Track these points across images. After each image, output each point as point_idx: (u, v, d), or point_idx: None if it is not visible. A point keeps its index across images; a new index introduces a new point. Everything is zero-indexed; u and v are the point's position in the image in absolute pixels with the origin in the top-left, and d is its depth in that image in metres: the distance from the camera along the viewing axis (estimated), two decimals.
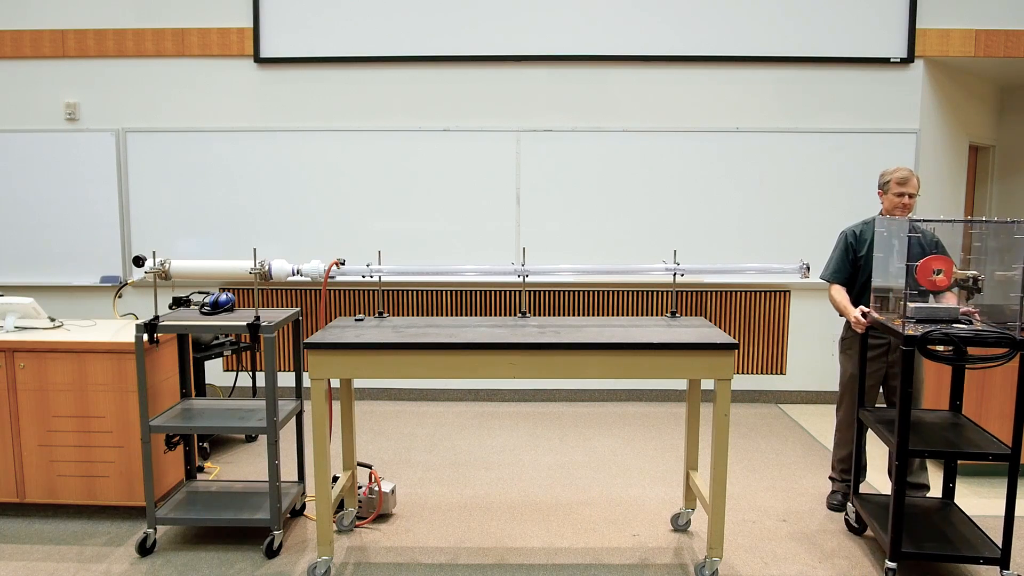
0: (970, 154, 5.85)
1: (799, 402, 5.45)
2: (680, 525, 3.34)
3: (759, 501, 3.67)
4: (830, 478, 3.68)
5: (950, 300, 3.10)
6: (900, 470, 2.76)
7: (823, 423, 4.94)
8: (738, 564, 3.01)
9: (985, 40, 5.12)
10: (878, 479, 3.89)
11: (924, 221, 3.13)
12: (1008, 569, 2.76)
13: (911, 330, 2.75)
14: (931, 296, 3.04)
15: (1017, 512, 3.54)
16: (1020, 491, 3.71)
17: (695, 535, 3.27)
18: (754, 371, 5.46)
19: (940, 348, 2.77)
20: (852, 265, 3.49)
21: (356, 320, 3.23)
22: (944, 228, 3.36)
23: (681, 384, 5.30)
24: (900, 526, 2.77)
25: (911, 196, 3.37)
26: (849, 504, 3.33)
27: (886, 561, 2.79)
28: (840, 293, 3.46)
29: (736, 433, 4.72)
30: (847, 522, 3.35)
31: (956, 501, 3.27)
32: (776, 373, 5.44)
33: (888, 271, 3.12)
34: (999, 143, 6.20)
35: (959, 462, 3.62)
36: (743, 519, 3.45)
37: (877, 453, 4.29)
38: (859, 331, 3.23)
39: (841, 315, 3.45)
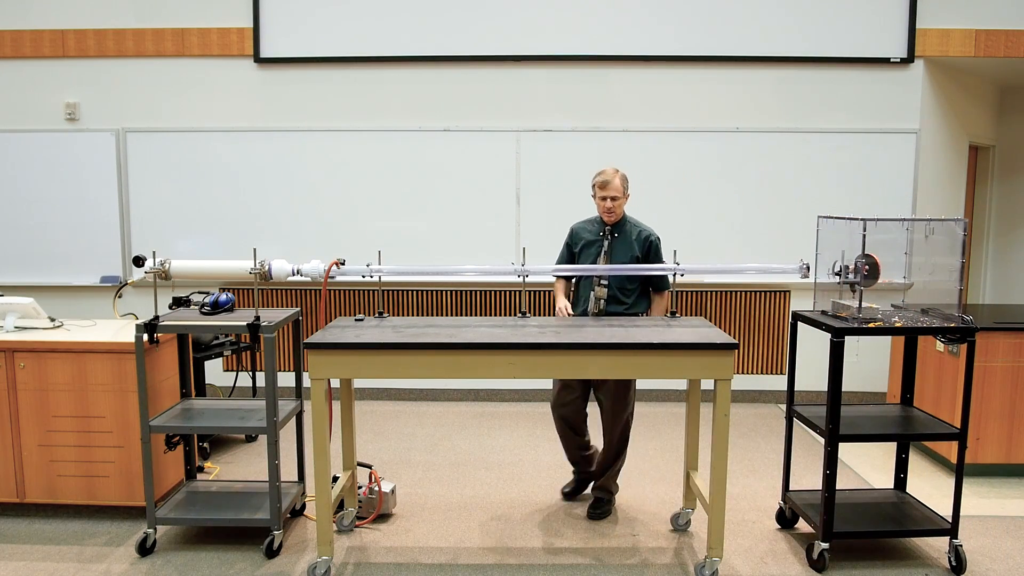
0: (970, 154, 5.84)
1: (799, 402, 5.42)
2: (680, 525, 3.34)
3: (759, 501, 3.67)
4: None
5: None
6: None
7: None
8: (738, 564, 3.02)
9: (985, 40, 5.11)
10: (879, 478, 3.90)
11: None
12: (956, 538, 2.96)
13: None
14: None
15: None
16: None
17: (695, 535, 3.27)
18: (754, 371, 5.46)
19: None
20: (572, 259, 3.54)
21: (356, 320, 3.23)
22: (889, 226, 3.07)
23: (681, 384, 5.29)
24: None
25: (613, 199, 3.35)
26: (780, 501, 3.39)
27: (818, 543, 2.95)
28: (557, 285, 3.54)
29: (736, 433, 4.71)
30: (780, 516, 3.38)
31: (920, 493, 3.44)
32: (776, 373, 5.44)
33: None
34: (999, 143, 6.20)
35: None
36: (743, 519, 3.45)
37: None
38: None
39: None
